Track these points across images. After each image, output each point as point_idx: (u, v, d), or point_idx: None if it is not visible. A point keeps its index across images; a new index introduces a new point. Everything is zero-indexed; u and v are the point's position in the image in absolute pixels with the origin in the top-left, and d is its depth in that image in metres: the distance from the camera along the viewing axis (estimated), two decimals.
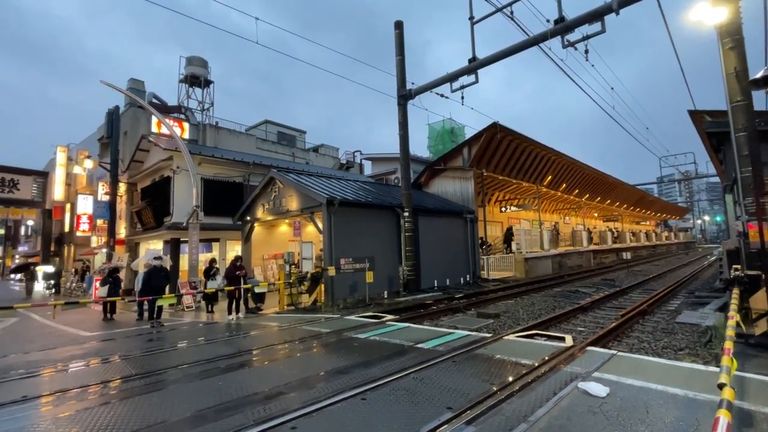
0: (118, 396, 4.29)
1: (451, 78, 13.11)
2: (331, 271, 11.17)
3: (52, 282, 20.79)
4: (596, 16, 9.92)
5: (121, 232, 20.58)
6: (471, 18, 12.66)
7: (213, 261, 12.41)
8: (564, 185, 27.34)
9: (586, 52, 10.55)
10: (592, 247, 27.99)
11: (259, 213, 15.40)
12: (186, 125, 21.85)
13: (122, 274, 13.98)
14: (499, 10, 11.57)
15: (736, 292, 5.61)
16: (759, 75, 5.67)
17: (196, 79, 26.21)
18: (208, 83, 26.89)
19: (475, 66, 12.46)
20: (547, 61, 10.91)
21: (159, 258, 11.23)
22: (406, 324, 7.57)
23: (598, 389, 3.71)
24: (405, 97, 14.61)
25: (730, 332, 3.45)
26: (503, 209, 25.39)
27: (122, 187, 20.54)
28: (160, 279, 10.72)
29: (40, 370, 5.55)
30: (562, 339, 6.23)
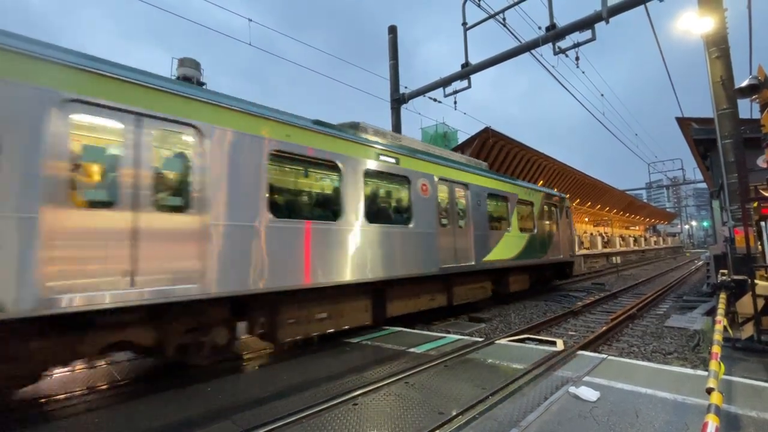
0: None
1: (445, 83, 13.21)
2: None
3: None
4: (587, 24, 10.08)
5: None
6: (464, 24, 12.79)
7: None
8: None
9: (577, 59, 10.72)
10: (583, 251, 28.30)
11: None
12: None
13: None
14: (491, 16, 11.70)
15: (723, 296, 5.70)
16: (744, 84, 5.80)
17: (188, 80, 26.06)
18: (200, 84, 26.74)
19: (468, 71, 12.57)
20: (537, 63, 11.06)
21: None
22: (399, 328, 7.55)
23: (589, 393, 3.72)
24: (398, 101, 14.66)
25: (717, 336, 3.51)
26: None
27: None
28: None
29: None
30: (554, 343, 6.26)
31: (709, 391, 2.27)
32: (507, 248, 10.37)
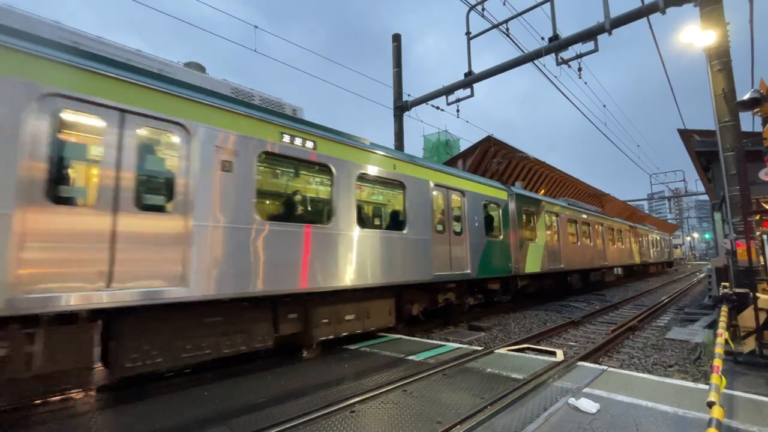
0: None
1: (447, 91, 13.28)
2: None
3: None
4: (589, 35, 10.15)
5: None
6: (467, 33, 12.89)
7: None
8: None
9: (579, 70, 10.77)
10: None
11: None
12: None
13: None
14: (495, 26, 11.81)
15: (724, 309, 5.67)
16: (746, 97, 5.82)
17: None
18: None
19: (471, 80, 12.64)
20: (537, 68, 11.10)
21: None
22: (398, 335, 7.51)
23: (589, 405, 3.69)
24: (401, 108, 14.74)
25: (718, 350, 3.48)
26: None
27: None
28: None
29: None
30: (553, 353, 6.21)
31: (710, 405, 2.25)
32: (665, 254, 35.08)
